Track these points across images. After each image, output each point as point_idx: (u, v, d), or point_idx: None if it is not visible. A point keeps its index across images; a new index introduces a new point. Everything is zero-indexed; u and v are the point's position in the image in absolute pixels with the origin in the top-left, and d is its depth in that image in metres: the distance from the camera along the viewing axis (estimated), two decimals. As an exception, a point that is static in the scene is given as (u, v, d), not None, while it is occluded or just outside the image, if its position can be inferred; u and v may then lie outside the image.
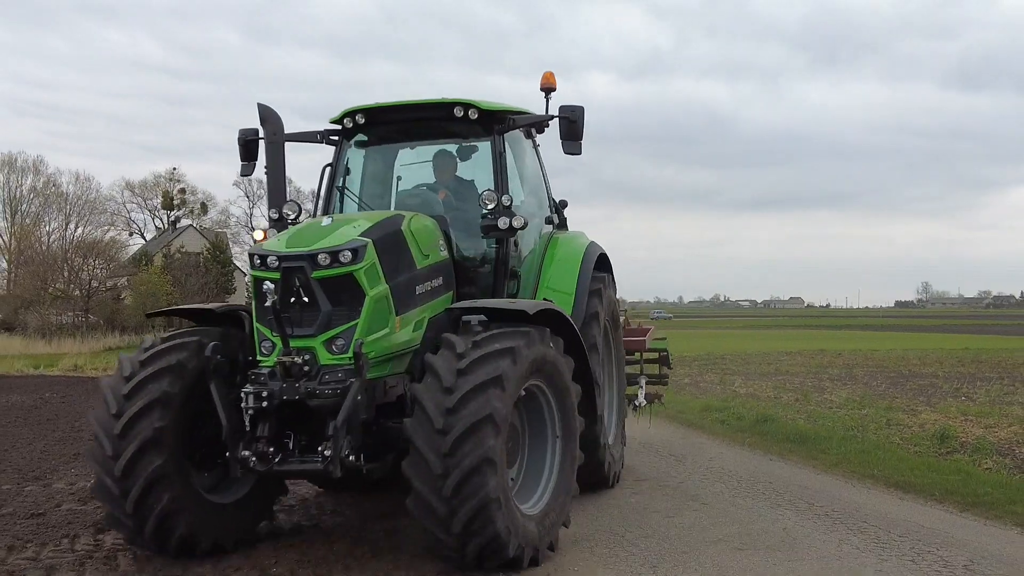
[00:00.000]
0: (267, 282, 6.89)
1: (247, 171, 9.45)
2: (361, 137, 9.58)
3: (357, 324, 7.06)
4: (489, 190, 8.49)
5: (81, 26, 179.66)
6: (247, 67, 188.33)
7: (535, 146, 10.21)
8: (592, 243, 10.38)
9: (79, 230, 74.44)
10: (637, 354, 13.45)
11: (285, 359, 6.77)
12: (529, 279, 9.36)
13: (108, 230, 78.17)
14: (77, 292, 62.04)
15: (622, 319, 12.60)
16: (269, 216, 9.04)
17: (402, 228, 7.86)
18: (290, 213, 8.61)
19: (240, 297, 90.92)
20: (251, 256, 7.39)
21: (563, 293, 9.31)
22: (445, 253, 8.48)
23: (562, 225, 10.80)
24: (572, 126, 8.62)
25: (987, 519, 8.82)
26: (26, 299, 60.91)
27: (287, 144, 9.48)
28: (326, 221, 7.75)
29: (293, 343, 6.89)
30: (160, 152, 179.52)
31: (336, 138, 9.56)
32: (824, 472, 11.38)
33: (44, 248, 70.07)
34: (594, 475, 9.31)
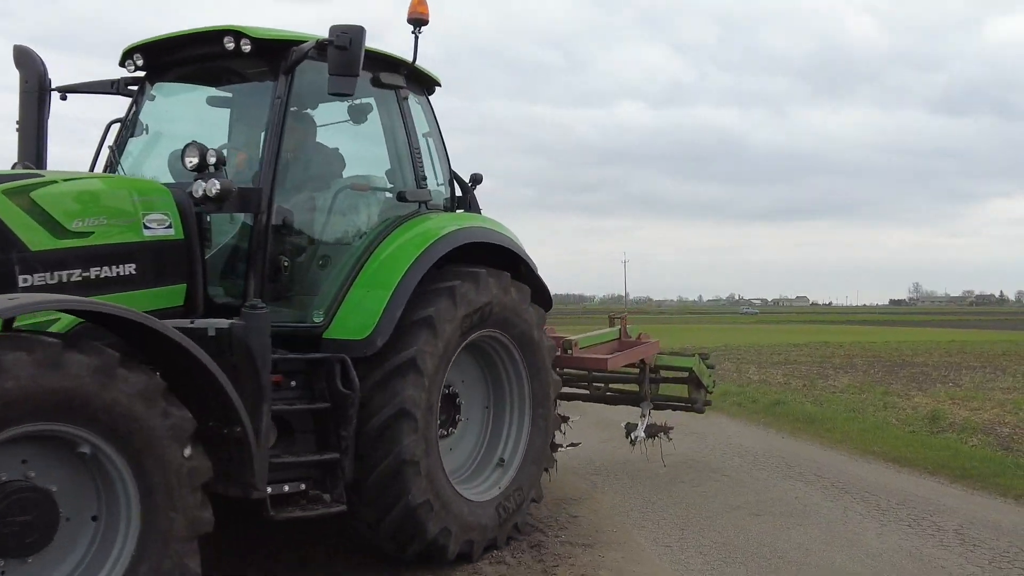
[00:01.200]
0: None
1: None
2: (159, 84, 6.63)
3: None
4: (194, 143, 5.26)
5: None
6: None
7: (402, 98, 6.62)
8: (468, 229, 6.65)
9: None
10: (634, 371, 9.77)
11: None
12: (343, 271, 6.06)
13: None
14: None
15: (620, 323, 9.93)
16: None
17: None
18: None
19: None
20: None
21: (380, 290, 5.91)
22: (154, 232, 5.32)
23: (467, 206, 7.51)
24: (343, 56, 5.19)
25: (974, 489, 8.71)
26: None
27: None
28: None
29: None
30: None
31: (135, 87, 6.71)
32: (829, 448, 11.29)
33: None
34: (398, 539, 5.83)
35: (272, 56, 5.78)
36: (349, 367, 5.47)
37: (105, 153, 6.58)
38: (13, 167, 6.04)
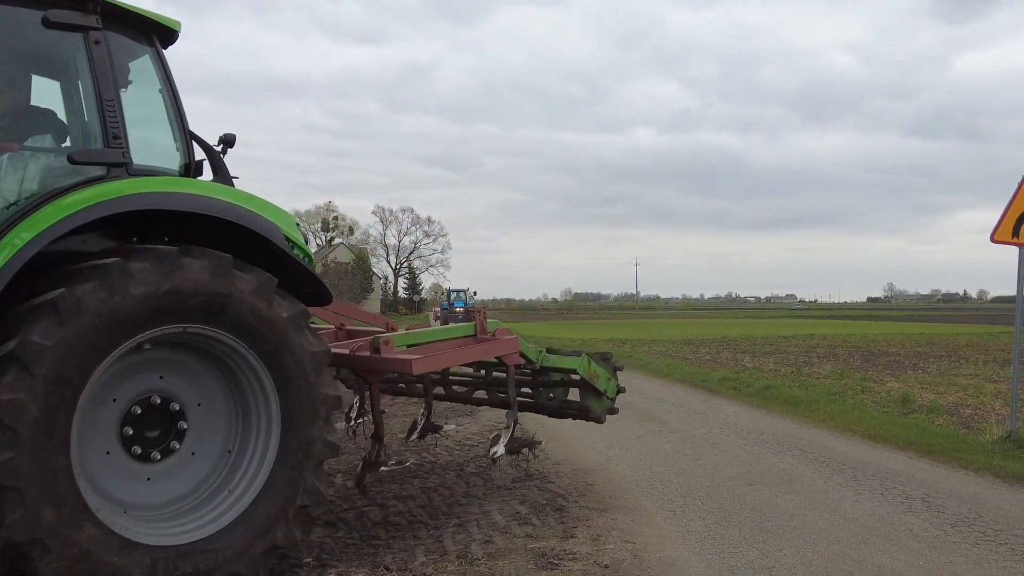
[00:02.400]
0: None
1: None
2: None
3: None
4: None
5: (268, 100, 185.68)
6: (385, 128, 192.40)
7: (93, 43, 4.71)
8: (145, 195, 4.60)
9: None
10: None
11: None
12: None
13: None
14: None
15: (478, 317, 6.94)
16: None
17: None
18: None
19: (377, 295, 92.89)
20: None
21: None
22: None
23: (216, 174, 5.40)
24: None
25: (939, 463, 8.63)
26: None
27: None
28: None
29: None
30: (322, 190, 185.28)
31: None
32: (813, 427, 11.22)
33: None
34: None
35: None
36: None
37: None
38: None
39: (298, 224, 5.47)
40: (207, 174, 5.45)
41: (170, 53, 5.34)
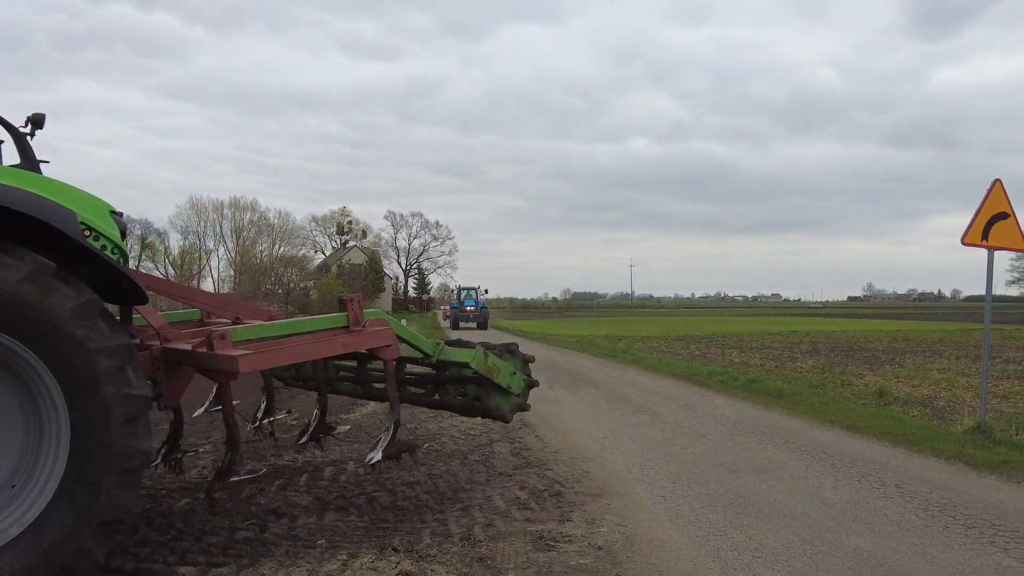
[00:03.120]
0: None
1: None
2: None
3: None
4: None
5: (288, 113, 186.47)
6: (398, 139, 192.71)
7: None
8: None
9: (281, 249, 76.44)
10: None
11: None
12: None
13: (300, 249, 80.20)
14: (280, 291, 63.68)
15: (352, 307, 5.77)
16: None
17: None
18: None
19: (388, 295, 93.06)
20: None
21: None
22: None
23: (24, 157, 4.64)
24: None
25: (912, 452, 8.60)
26: (246, 295, 62.68)
27: None
28: None
29: None
30: (338, 196, 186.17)
31: None
32: (796, 418, 11.19)
33: (258, 261, 72.01)
34: None
35: None
36: None
37: None
38: None
39: (118, 214, 4.62)
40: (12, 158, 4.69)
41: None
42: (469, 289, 56.05)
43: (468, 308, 51.79)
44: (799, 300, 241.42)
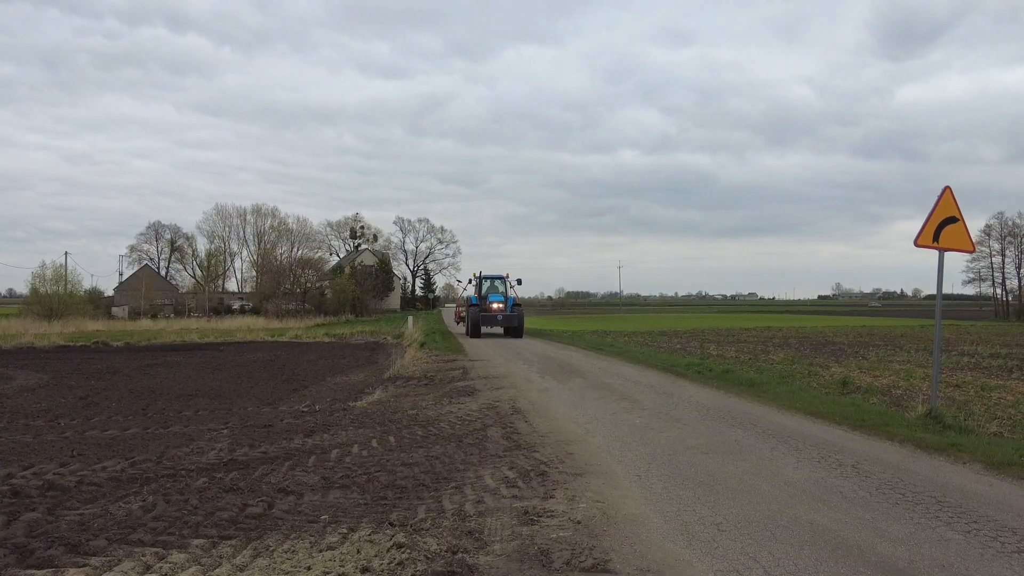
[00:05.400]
0: None
1: None
2: None
3: None
4: None
5: (308, 126, 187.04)
6: (408, 150, 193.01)
7: None
8: None
9: (299, 252, 76.42)
10: None
11: None
12: None
13: (317, 252, 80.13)
14: (297, 290, 63.72)
15: None
16: None
17: None
18: None
19: (397, 293, 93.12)
20: None
21: None
22: None
23: None
24: None
25: (869, 435, 8.63)
26: (267, 294, 62.75)
27: None
28: None
29: None
30: (352, 203, 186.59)
31: None
32: (764, 405, 11.22)
33: (277, 263, 71.98)
34: None
35: None
36: None
37: None
38: None
39: None
40: None
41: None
42: (494, 279, 34.04)
43: (495, 306, 31.49)
44: (774, 298, 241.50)
